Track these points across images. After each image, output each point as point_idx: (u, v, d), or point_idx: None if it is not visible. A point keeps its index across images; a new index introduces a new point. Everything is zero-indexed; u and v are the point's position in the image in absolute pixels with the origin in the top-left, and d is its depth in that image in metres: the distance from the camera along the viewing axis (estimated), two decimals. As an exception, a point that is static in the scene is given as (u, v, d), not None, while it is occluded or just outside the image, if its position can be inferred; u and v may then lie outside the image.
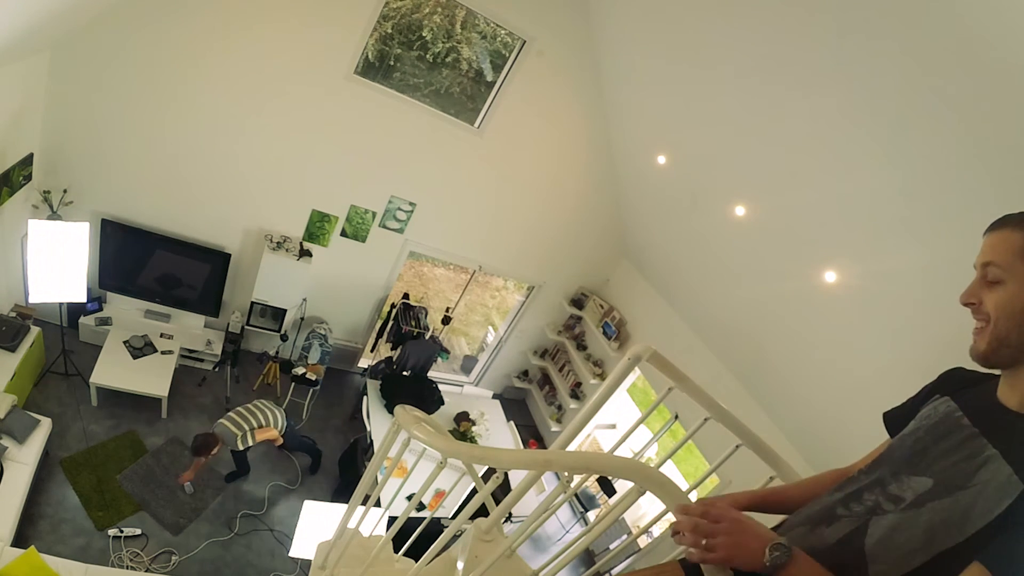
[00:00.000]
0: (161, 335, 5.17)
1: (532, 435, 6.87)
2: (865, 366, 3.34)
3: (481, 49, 5.23)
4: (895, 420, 1.15)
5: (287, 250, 5.18)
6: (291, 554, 3.71)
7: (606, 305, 6.44)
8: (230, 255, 5.16)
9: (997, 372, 0.96)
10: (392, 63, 5.11)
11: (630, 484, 1.20)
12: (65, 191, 4.30)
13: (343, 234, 5.46)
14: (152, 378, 4.78)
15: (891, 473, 1.00)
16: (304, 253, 5.24)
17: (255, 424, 4.34)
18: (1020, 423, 0.89)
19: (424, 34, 5.08)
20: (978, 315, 0.95)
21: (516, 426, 6.01)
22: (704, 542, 0.92)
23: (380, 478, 2.19)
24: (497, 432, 5.83)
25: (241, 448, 4.29)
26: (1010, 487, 0.82)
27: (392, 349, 6.02)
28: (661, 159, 4.68)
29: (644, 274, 6.11)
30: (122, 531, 3.96)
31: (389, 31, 4.97)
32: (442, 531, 1.70)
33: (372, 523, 2.83)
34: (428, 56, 5.16)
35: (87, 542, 3.84)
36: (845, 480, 1.11)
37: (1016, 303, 0.89)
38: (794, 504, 1.30)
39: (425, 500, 4.53)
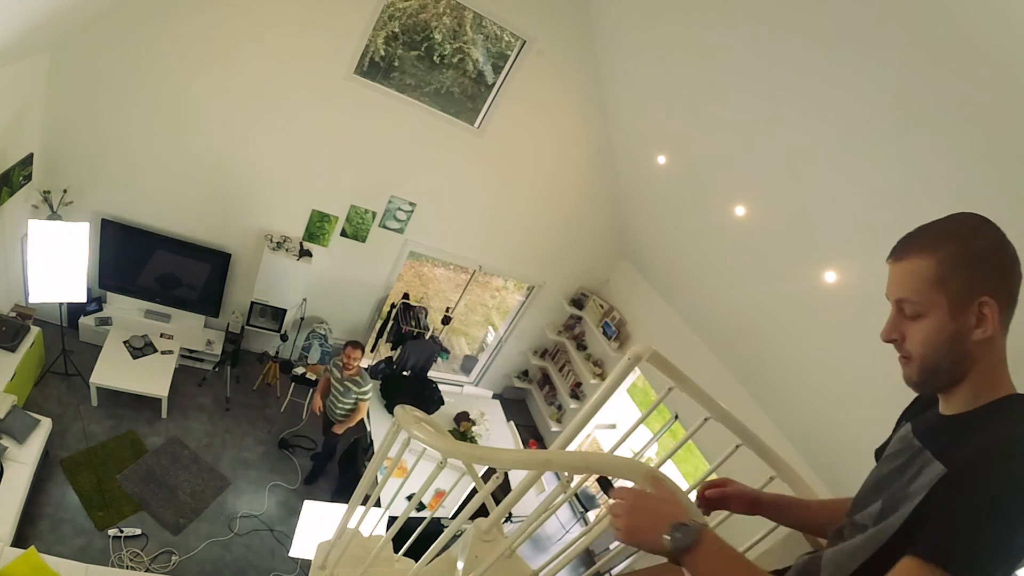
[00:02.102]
0: (161, 335, 5.17)
1: (532, 435, 6.87)
2: (865, 366, 3.34)
3: (484, 50, 5.23)
4: (880, 454, 1.15)
5: (287, 250, 5.18)
6: (291, 554, 3.71)
7: (606, 305, 6.44)
8: (230, 255, 5.16)
9: None
10: (394, 63, 5.11)
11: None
12: (65, 191, 4.29)
13: (343, 234, 5.46)
14: (152, 378, 4.78)
15: (860, 505, 1.01)
16: (304, 253, 5.24)
17: None
18: (950, 423, 0.89)
19: (434, 35, 5.08)
20: (902, 351, 0.91)
21: (516, 426, 6.01)
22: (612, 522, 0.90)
23: (380, 478, 2.19)
24: (497, 432, 5.83)
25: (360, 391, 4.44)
26: (935, 474, 0.82)
27: (392, 349, 6.02)
28: (661, 159, 4.68)
29: (644, 274, 6.12)
30: (122, 531, 3.95)
31: (396, 30, 4.96)
32: (442, 531, 1.70)
33: (372, 523, 2.83)
34: (435, 58, 5.16)
35: (87, 542, 3.84)
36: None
37: (942, 333, 0.85)
38: (804, 519, 1.29)
39: (425, 500, 4.53)
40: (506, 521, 3.20)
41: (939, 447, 0.86)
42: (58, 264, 3.95)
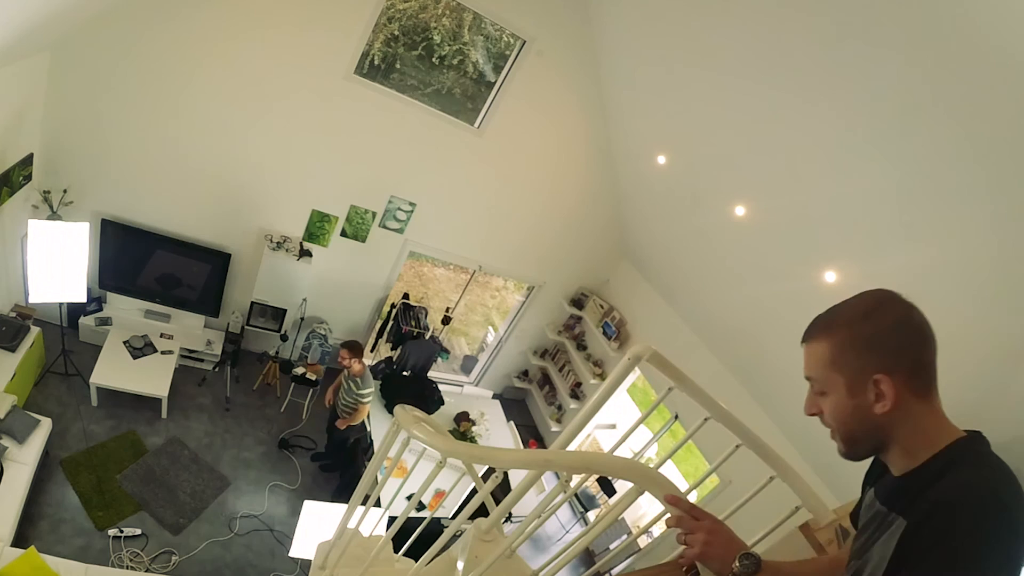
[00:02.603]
0: (161, 335, 5.17)
1: (532, 435, 6.87)
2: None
3: (484, 50, 5.23)
4: (855, 519, 1.18)
5: (287, 250, 5.18)
6: (291, 554, 3.71)
7: (606, 305, 6.44)
8: (230, 255, 5.16)
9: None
10: (394, 64, 5.11)
11: (630, 484, 1.20)
12: (65, 191, 4.29)
13: (343, 234, 5.46)
14: (152, 378, 4.78)
15: (848, 569, 1.05)
16: (304, 253, 5.24)
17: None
18: (904, 482, 0.93)
19: (433, 36, 5.08)
20: (824, 423, 1.00)
21: (516, 426, 6.01)
22: (684, 537, 1.01)
23: (380, 478, 2.19)
24: (497, 432, 5.83)
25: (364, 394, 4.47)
26: (899, 530, 0.85)
27: (392, 349, 6.02)
28: (661, 159, 4.68)
29: (644, 274, 6.11)
30: (122, 531, 3.95)
31: (396, 32, 4.96)
32: (442, 531, 1.70)
33: (372, 523, 2.83)
34: (435, 59, 5.16)
35: (87, 542, 3.84)
36: None
37: (844, 408, 0.93)
38: None
39: (425, 500, 4.53)
40: (506, 521, 3.21)
41: (901, 506, 0.90)
42: (58, 264, 3.94)
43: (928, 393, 0.91)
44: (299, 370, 5.38)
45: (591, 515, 6.01)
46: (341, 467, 5.22)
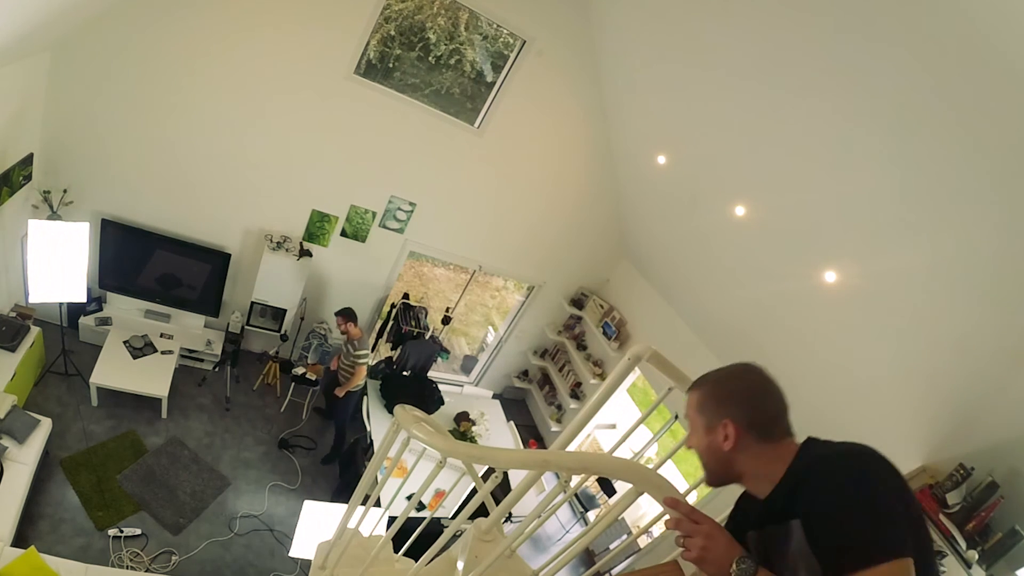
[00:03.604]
0: (161, 335, 5.17)
1: (532, 435, 6.87)
2: (865, 365, 3.34)
3: (482, 50, 5.23)
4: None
5: (287, 250, 5.18)
6: (291, 554, 3.71)
7: (606, 305, 6.44)
8: (230, 255, 5.16)
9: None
10: (393, 64, 5.10)
11: (630, 484, 1.20)
12: (65, 191, 4.29)
13: (343, 234, 5.46)
14: (152, 378, 4.78)
15: None
16: (304, 253, 5.24)
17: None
18: (773, 496, 1.08)
19: (429, 36, 5.07)
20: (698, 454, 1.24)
21: (516, 426, 6.00)
22: (682, 540, 1.04)
23: (380, 478, 2.19)
24: (497, 432, 5.82)
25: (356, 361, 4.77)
26: (798, 526, 0.98)
27: (392, 349, 6.02)
28: (661, 159, 4.68)
29: (644, 274, 6.12)
30: (122, 531, 3.95)
31: (392, 32, 4.95)
32: (442, 531, 1.70)
33: (372, 523, 2.83)
34: (431, 58, 5.15)
35: (87, 542, 3.84)
36: None
37: (703, 443, 1.19)
38: None
39: (425, 500, 4.53)
40: (506, 521, 3.21)
41: (784, 513, 1.02)
42: (58, 264, 3.94)
43: (768, 436, 1.13)
44: (299, 370, 5.38)
45: (591, 515, 6.01)
46: (340, 469, 5.21)
